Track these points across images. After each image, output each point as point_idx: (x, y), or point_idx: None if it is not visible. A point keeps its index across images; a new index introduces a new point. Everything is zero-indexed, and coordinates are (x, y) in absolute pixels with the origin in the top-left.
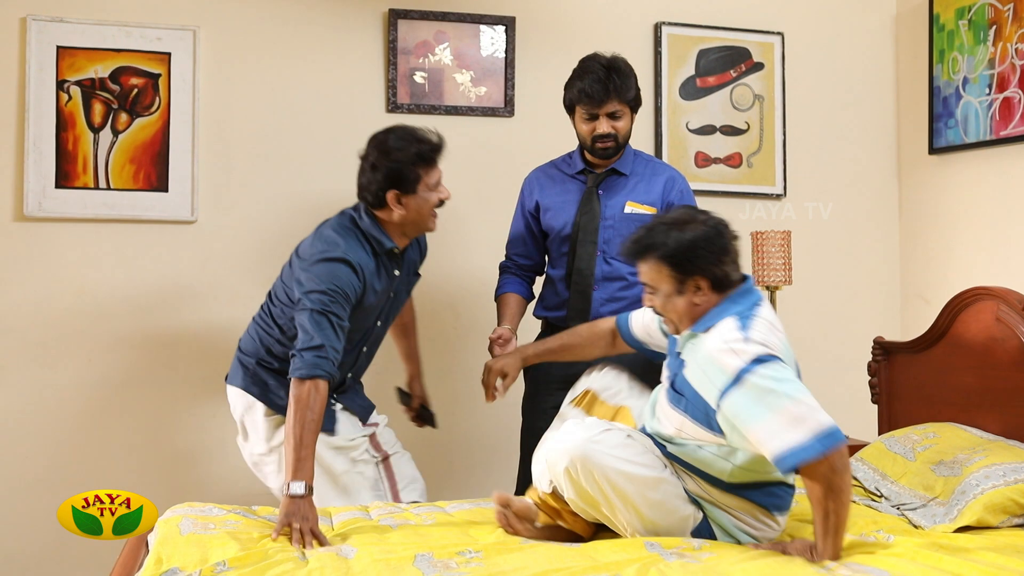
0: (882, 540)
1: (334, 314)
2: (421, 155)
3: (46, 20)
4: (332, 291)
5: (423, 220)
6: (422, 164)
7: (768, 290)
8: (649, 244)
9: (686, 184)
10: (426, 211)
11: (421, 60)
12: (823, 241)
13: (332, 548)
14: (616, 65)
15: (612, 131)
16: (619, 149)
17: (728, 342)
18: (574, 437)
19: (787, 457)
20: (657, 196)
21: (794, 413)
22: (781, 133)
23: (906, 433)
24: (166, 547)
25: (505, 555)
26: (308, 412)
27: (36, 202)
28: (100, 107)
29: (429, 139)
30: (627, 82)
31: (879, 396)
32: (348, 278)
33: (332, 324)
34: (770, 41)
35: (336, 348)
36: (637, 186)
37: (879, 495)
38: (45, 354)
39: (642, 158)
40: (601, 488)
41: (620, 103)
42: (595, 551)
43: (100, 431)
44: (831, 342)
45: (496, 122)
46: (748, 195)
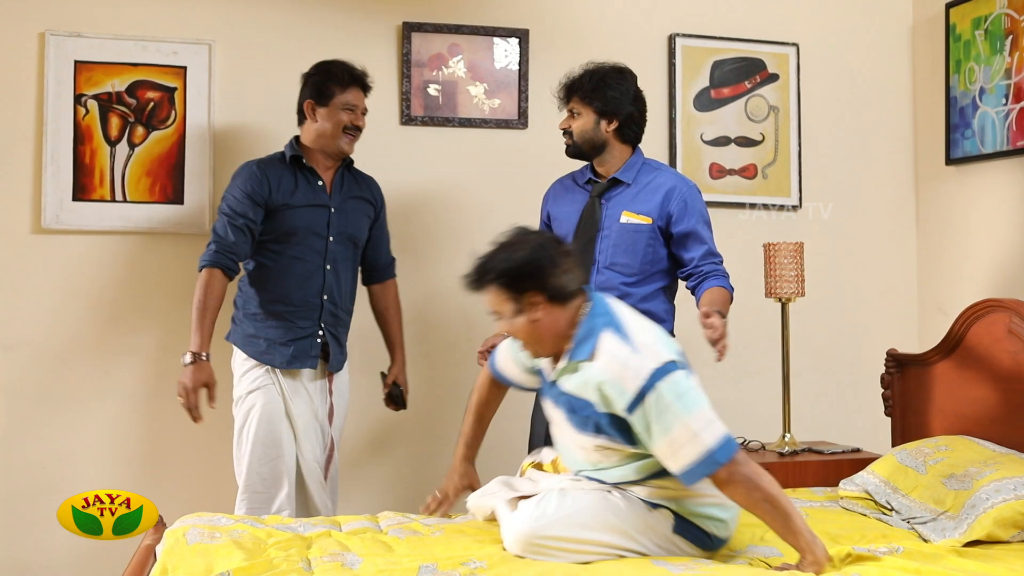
0: (890, 553)
1: (229, 213)
2: (339, 75)
3: (64, 35)
4: (231, 196)
5: (335, 136)
6: (338, 83)
7: (780, 302)
8: (483, 271)
9: (693, 194)
10: (336, 127)
11: (435, 73)
12: (839, 252)
13: (337, 557)
14: (596, 69)
15: (568, 128)
16: (577, 149)
17: (620, 361)
18: (517, 526)
19: (687, 475)
20: (655, 206)
21: (691, 430)
22: (796, 144)
23: (918, 446)
24: (172, 557)
25: (510, 566)
26: (202, 295)
27: (54, 214)
28: (117, 120)
29: (353, 68)
30: (597, 85)
31: (892, 409)
32: (246, 176)
33: (227, 223)
34: (785, 52)
35: (229, 242)
36: (637, 196)
37: (890, 508)
38: (62, 365)
39: (651, 167)
40: (569, 549)
41: (578, 102)
42: (601, 570)
43: (116, 441)
44: (847, 354)
45: (510, 134)
46: (763, 206)
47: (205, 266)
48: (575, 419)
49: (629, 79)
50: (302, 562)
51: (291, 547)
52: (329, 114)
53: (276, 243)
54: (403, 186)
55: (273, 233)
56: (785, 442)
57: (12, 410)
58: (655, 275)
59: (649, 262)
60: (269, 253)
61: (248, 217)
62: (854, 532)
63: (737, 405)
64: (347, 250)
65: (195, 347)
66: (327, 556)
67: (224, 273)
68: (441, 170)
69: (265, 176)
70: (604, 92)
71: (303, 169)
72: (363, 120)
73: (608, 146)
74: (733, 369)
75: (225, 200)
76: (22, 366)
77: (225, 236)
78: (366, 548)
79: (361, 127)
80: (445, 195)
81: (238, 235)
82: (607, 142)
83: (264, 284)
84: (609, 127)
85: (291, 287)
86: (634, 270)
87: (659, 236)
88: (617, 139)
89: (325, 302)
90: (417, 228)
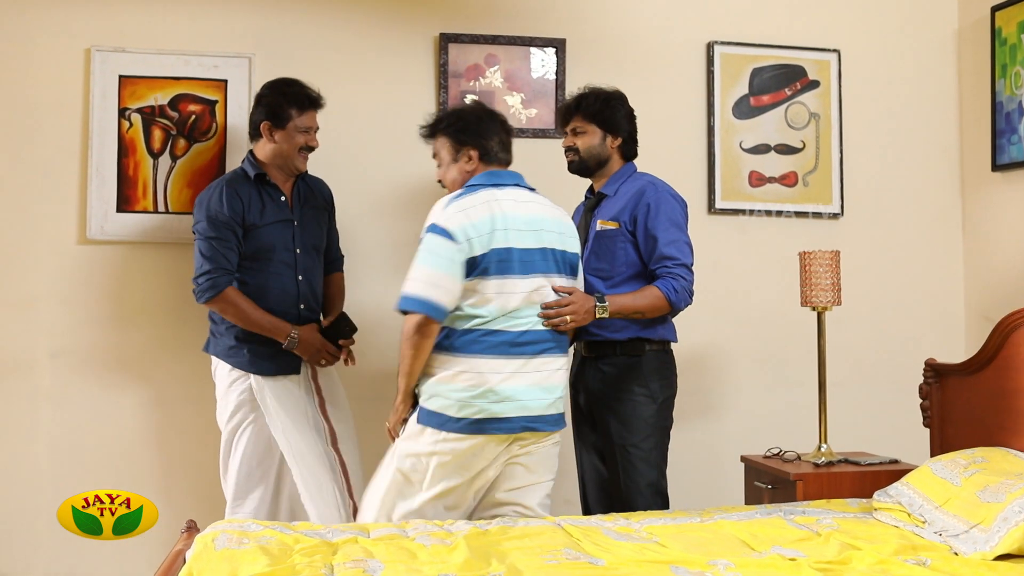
0: (918, 565)
1: (215, 237)
2: (297, 99)
3: (109, 51)
4: (212, 218)
5: (291, 157)
6: (296, 106)
7: (815, 311)
8: (436, 123)
9: (660, 197)
10: (292, 149)
11: (472, 83)
12: (882, 260)
13: (360, 563)
14: (597, 90)
15: (573, 145)
16: (583, 165)
17: (435, 207)
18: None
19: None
20: (621, 211)
21: (411, 274)
22: (838, 151)
23: (953, 458)
24: (199, 562)
25: (528, 575)
26: (243, 307)
27: (98, 226)
28: (159, 133)
29: (308, 90)
30: (603, 105)
31: (931, 419)
32: (220, 197)
33: (220, 244)
34: (826, 59)
35: (223, 262)
36: (611, 203)
37: (923, 521)
38: (107, 373)
39: (631, 177)
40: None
41: (583, 120)
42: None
43: (159, 449)
44: (890, 364)
45: (546, 143)
46: (804, 215)
47: (217, 293)
48: None
49: (625, 101)
50: (325, 568)
51: (316, 553)
52: (286, 136)
53: (251, 261)
54: (441, 195)
55: (248, 253)
56: (821, 453)
57: (58, 417)
58: (633, 277)
59: (623, 264)
60: (247, 271)
61: (235, 236)
62: (884, 544)
63: (775, 415)
64: (314, 258)
65: (282, 335)
66: (350, 562)
67: (234, 288)
68: None
69: (238, 196)
70: (608, 110)
71: (266, 186)
72: (316, 140)
73: (610, 162)
74: (771, 379)
75: (205, 223)
76: (68, 374)
77: (222, 258)
78: (390, 555)
79: (315, 147)
80: None
81: (230, 255)
82: (610, 158)
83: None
84: (614, 143)
85: (270, 301)
86: (610, 273)
87: (629, 239)
88: (619, 155)
89: (302, 311)
90: None
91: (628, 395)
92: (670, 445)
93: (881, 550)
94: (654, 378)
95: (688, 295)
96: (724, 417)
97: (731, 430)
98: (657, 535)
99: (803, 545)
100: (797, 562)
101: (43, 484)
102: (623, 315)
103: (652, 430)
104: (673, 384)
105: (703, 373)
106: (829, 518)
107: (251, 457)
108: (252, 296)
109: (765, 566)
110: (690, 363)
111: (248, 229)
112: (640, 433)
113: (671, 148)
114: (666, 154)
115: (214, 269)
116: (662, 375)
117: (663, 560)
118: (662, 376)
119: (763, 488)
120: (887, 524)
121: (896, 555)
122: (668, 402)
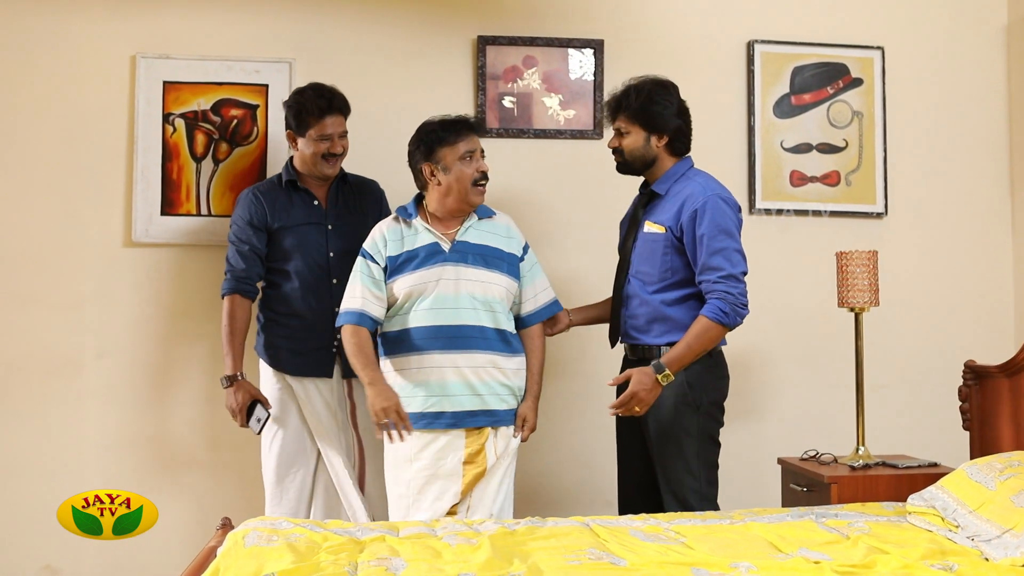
0: (945, 571)
1: (236, 242)
2: (312, 107)
3: (153, 57)
4: (235, 224)
5: (315, 163)
6: (312, 114)
7: (852, 312)
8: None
9: (707, 199)
10: (315, 156)
11: (510, 85)
12: (928, 260)
13: (384, 561)
14: (640, 85)
15: (618, 146)
16: (628, 166)
17: None
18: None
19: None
20: (670, 216)
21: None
22: (882, 150)
23: (989, 461)
24: (227, 559)
25: (549, 575)
26: (228, 321)
27: (143, 228)
28: (202, 138)
29: (326, 96)
30: (644, 104)
31: (970, 422)
32: (244, 203)
33: (236, 251)
34: (869, 56)
35: (241, 269)
36: (662, 205)
37: (956, 525)
38: (152, 373)
39: (683, 177)
40: None
41: (626, 119)
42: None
43: (206, 446)
44: (935, 366)
45: (585, 144)
46: (847, 214)
47: (225, 294)
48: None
49: (673, 92)
50: (348, 566)
51: (343, 551)
52: (307, 144)
53: (281, 263)
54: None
55: (277, 254)
56: (859, 455)
57: (106, 415)
58: (677, 284)
59: (667, 271)
60: (278, 273)
61: (253, 243)
62: (913, 548)
63: (816, 417)
64: (351, 263)
65: (229, 370)
66: (374, 560)
67: (244, 296)
68: (516, 181)
69: (261, 201)
70: (651, 109)
71: (298, 190)
72: (340, 145)
73: (659, 160)
74: (812, 380)
75: (231, 228)
76: (115, 373)
77: (236, 264)
78: (415, 553)
79: (338, 153)
80: (521, 206)
81: (247, 261)
82: (658, 157)
83: (278, 300)
84: (660, 143)
85: (303, 303)
86: (653, 278)
87: (675, 245)
88: (667, 153)
89: (337, 314)
90: None
91: (667, 401)
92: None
93: (908, 554)
94: (695, 384)
95: (739, 308)
96: (766, 419)
97: (773, 432)
98: (685, 536)
99: (830, 548)
100: (820, 565)
101: (91, 480)
102: (687, 364)
103: (692, 437)
104: (718, 389)
105: (745, 375)
106: (861, 521)
107: (287, 455)
108: (284, 296)
109: (787, 569)
110: (732, 365)
111: (275, 232)
112: (678, 440)
113: (711, 148)
114: (706, 154)
115: (228, 271)
116: (704, 381)
117: (685, 562)
118: (705, 382)
119: (799, 490)
120: (920, 528)
121: (923, 559)
122: (712, 408)
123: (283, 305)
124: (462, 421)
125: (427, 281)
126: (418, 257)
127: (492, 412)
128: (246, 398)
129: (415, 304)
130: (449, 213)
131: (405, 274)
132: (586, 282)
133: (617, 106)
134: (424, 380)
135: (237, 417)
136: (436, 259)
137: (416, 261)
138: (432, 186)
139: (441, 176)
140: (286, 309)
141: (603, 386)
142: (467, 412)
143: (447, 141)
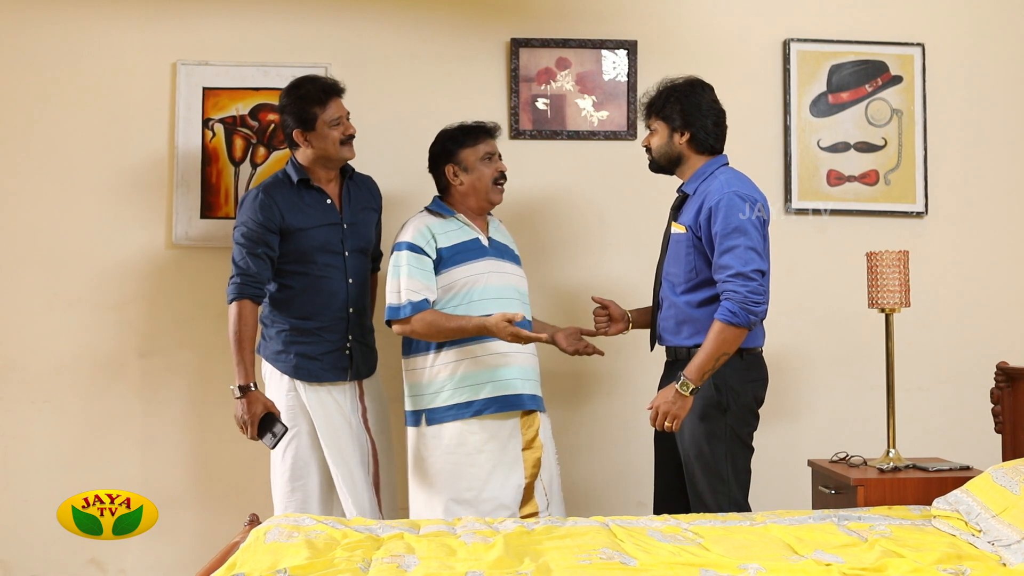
0: None
1: (246, 243)
2: (314, 95)
3: (193, 64)
4: (245, 226)
5: (334, 153)
6: (317, 103)
7: (883, 313)
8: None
9: (722, 196)
10: (332, 145)
11: (543, 87)
12: (969, 260)
13: (397, 559)
14: (670, 84)
15: (647, 144)
16: (657, 164)
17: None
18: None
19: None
20: (691, 216)
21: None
22: (922, 148)
23: (1015, 465)
24: (245, 554)
25: (558, 574)
26: (237, 327)
27: (183, 231)
28: (240, 142)
29: (321, 80)
30: (667, 100)
31: (1003, 425)
32: (255, 204)
33: (246, 253)
34: (909, 53)
35: (252, 272)
36: (688, 205)
37: (979, 529)
38: (192, 372)
39: (710, 176)
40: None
41: (653, 117)
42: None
43: (244, 444)
44: (970, 367)
45: (619, 146)
46: (885, 213)
47: (234, 299)
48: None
49: (700, 90)
50: (362, 563)
51: (359, 548)
52: (320, 136)
53: (297, 264)
54: (513, 200)
55: (292, 256)
56: (889, 458)
57: (148, 414)
58: (701, 284)
59: (691, 271)
60: (293, 275)
61: (266, 244)
62: (930, 552)
63: (846, 419)
64: (363, 261)
65: (242, 380)
66: (388, 558)
67: (253, 302)
68: (550, 183)
69: (274, 201)
70: (674, 106)
71: (310, 189)
72: (352, 126)
73: (685, 158)
74: (847, 382)
75: (239, 229)
76: (157, 373)
77: (247, 267)
78: (429, 551)
79: (354, 134)
80: (555, 208)
81: (259, 264)
82: (683, 154)
83: (291, 304)
84: (682, 139)
85: (318, 306)
86: (680, 279)
87: (696, 245)
88: (693, 150)
89: (351, 315)
90: (528, 241)
91: (696, 404)
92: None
93: (923, 558)
94: (723, 387)
95: (749, 306)
96: (800, 420)
97: (806, 433)
98: (703, 537)
99: (845, 551)
100: (831, 568)
101: (134, 476)
102: (709, 370)
103: (720, 440)
104: (750, 392)
105: (780, 375)
106: (884, 524)
107: (299, 466)
108: (298, 299)
109: (796, 571)
110: (768, 366)
111: (290, 233)
112: (706, 444)
113: (746, 148)
114: (741, 154)
115: (238, 275)
116: (733, 383)
117: (695, 563)
118: (733, 384)
119: (827, 493)
120: (943, 532)
121: (936, 564)
122: (742, 412)
123: (298, 309)
124: (525, 405)
125: (479, 273)
126: (468, 250)
127: (538, 398)
128: (261, 411)
129: (468, 295)
130: (470, 212)
131: (459, 266)
132: (623, 283)
133: (649, 105)
134: (495, 366)
135: (247, 430)
136: (482, 253)
137: (467, 254)
138: (454, 187)
139: (463, 176)
140: (301, 312)
141: (647, 391)
142: (529, 396)
143: (468, 144)
